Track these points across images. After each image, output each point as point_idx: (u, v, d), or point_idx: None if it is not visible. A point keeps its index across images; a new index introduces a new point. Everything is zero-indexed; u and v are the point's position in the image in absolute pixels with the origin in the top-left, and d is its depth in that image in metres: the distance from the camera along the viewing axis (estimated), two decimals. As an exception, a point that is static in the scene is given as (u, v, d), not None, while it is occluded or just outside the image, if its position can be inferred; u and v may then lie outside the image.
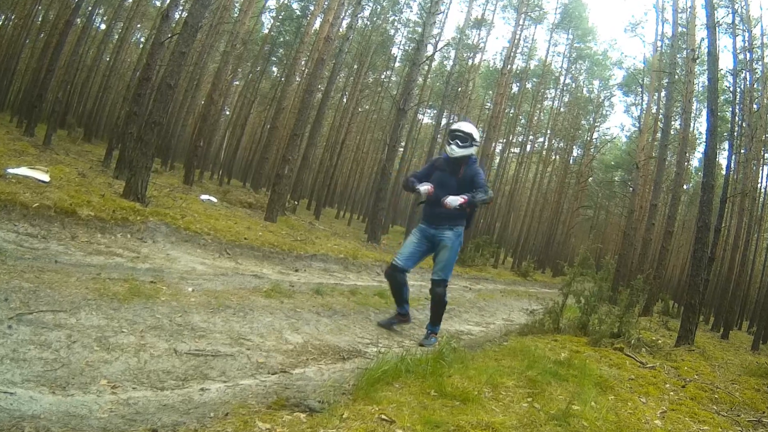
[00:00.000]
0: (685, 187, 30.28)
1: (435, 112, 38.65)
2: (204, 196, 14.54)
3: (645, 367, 5.46)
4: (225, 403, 2.89)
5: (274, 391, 3.21)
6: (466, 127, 5.55)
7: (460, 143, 5.43)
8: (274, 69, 39.36)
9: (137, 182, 8.87)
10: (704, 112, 23.21)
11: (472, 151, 5.50)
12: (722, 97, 20.98)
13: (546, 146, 40.39)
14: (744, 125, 19.26)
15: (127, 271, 5.13)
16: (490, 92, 38.04)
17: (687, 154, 23.75)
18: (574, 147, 39.95)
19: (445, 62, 38.51)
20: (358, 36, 31.44)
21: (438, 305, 5.58)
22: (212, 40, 26.33)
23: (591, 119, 39.36)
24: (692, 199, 33.94)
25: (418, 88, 28.13)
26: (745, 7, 19.47)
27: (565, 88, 38.13)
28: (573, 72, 37.75)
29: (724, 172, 17.62)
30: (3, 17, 27.96)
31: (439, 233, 5.50)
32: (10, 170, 7.39)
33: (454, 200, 5.12)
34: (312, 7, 28.92)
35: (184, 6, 21.43)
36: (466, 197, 5.14)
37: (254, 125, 42.05)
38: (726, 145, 23.12)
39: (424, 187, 5.38)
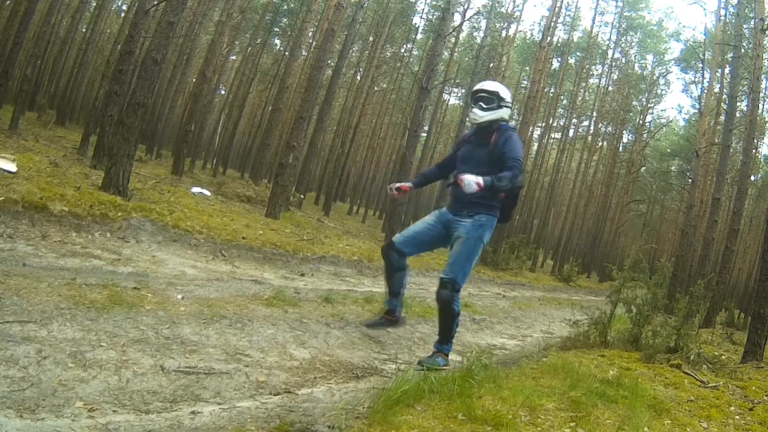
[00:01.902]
0: (752, 178, 29.84)
1: (463, 91, 38.53)
2: (195, 189, 14.61)
3: (706, 386, 5.40)
4: (220, 429, 2.89)
5: (276, 414, 3.21)
6: (490, 85, 5.07)
7: (484, 105, 4.88)
8: (277, 42, 39.47)
9: (118, 173, 8.91)
10: (775, 91, 22.91)
11: (502, 113, 4.93)
12: (796, 74, 20.69)
13: (592, 131, 39.77)
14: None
15: (106, 276, 5.15)
16: (527, 68, 37.66)
17: (755, 140, 23.43)
18: (624, 132, 39.48)
19: (474, 34, 38.40)
20: (374, 3, 31.39)
21: (444, 315, 4.82)
22: (205, 8, 26.31)
23: (643, 100, 38.89)
24: (761, 192, 33.47)
25: (443, 63, 28.09)
26: (822, -30, 19.11)
27: (613, 63, 37.54)
28: (623, 45, 37.26)
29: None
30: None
31: (456, 220, 4.88)
32: (-27, 159, 7.46)
33: (469, 182, 4.28)
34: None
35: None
36: (482, 180, 4.31)
37: (254, 107, 42.24)
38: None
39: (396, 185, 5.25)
